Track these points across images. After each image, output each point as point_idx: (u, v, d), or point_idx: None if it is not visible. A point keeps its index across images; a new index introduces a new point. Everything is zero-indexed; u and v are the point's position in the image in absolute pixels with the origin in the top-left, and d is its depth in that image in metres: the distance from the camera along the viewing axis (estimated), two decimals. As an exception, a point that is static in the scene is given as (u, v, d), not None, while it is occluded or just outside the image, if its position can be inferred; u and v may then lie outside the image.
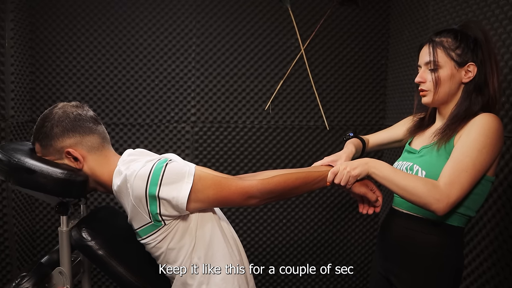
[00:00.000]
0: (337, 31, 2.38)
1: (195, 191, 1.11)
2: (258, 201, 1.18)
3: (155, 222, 1.12)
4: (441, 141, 1.28)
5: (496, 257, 1.50)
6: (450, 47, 1.28)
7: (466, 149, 1.18)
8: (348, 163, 1.25)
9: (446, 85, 1.29)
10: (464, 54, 1.26)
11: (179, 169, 1.12)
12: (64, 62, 2.27)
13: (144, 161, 1.13)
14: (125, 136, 2.34)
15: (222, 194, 1.15)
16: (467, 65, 1.26)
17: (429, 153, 1.31)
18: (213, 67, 2.35)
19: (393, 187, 1.20)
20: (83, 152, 1.20)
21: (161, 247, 1.16)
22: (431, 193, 1.15)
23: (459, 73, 1.27)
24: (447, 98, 1.31)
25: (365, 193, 1.29)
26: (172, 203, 1.09)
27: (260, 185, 1.16)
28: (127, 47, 2.29)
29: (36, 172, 1.12)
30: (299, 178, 1.23)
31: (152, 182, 1.08)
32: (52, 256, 1.31)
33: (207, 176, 1.15)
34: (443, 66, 1.28)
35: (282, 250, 2.49)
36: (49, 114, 1.21)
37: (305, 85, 2.40)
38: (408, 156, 1.43)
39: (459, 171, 1.16)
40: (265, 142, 2.41)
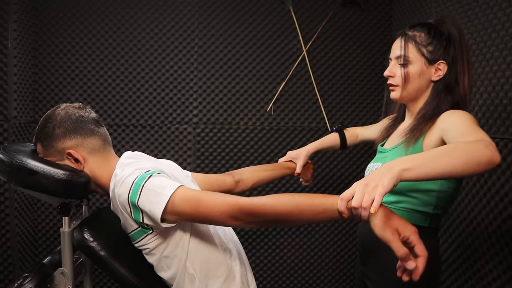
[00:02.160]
0: (339, 33, 2.38)
1: (172, 205, 1.05)
2: (241, 224, 1.03)
3: (143, 228, 1.12)
4: (409, 141, 1.23)
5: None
6: (422, 43, 1.24)
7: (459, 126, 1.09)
8: (367, 177, 0.92)
9: (415, 82, 1.25)
10: (435, 51, 1.23)
11: (159, 184, 1.07)
12: (66, 63, 2.28)
13: (134, 169, 1.13)
14: (127, 137, 2.34)
15: (199, 210, 1.04)
16: (438, 62, 1.22)
17: (398, 153, 1.28)
18: (215, 68, 2.35)
19: (438, 166, 0.92)
20: (84, 153, 1.21)
21: (154, 254, 1.16)
22: (474, 145, 0.94)
23: (429, 70, 1.24)
24: (416, 95, 1.27)
25: (391, 242, 0.86)
26: (150, 215, 1.07)
27: (241, 205, 1.01)
28: (129, 48, 2.30)
29: (38, 173, 1.12)
30: (293, 204, 0.98)
31: (133, 192, 1.07)
32: (54, 257, 1.31)
33: (188, 191, 1.08)
34: (413, 62, 1.24)
35: (284, 252, 2.49)
36: (51, 115, 1.22)
37: (307, 86, 2.40)
38: (379, 157, 1.40)
39: (470, 132, 1.04)
40: (267, 144, 2.41)
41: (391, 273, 1.21)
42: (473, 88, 1.35)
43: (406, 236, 0.86)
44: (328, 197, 0.95)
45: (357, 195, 0.88)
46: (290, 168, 1.77)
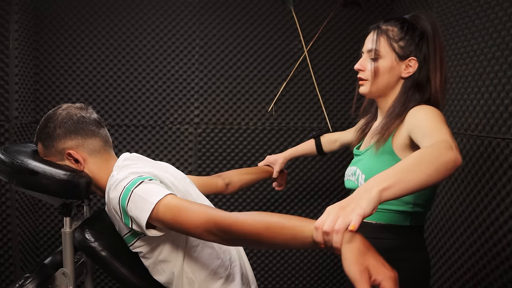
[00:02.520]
0: (340, 33, 2.38)
1: (156, 212, 1.02)
2: (218, 239, 0.98)
3: (135, 232, 1.12)
4: (379, 142, 1.21)
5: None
6: (394, 38, 1.21)
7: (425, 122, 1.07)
8: (342, 201, 0.81)
9: (384, 77, 1.22)
10: (407, 47, 1.20)
11: (148, 190, 1.05)
12: (68, 64, 2.28)
13: (128, 172, 1.11)
14: (128, 137, 2.34)
15: (178, 220, 1.00)
16: (409, 59, 1.20)
17: (369, 155, 1.26)
18: (216, 69, 2.35)
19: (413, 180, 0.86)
20: (84, 154, 1.21)
21: (149, 258, 1.16)
22: (437, 150, 0.91)
23: (399, 66, 1.21)
24: (385, 91, 1.25)
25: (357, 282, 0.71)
26: (137, 222, 1.06)
27: (215, 218, 0.96)
28: (131, 48, 2.30)
29: (39, 173, 1.12)
30: (263, 224, 0.89)
31: (123, 198, 1.06)
32: (55, 257, 1.31)
33: (174, 199, 1.04)
34: (383, 56, 1.22)
35: (284, 251, 2.48)
36: (52, 115, 1.22)
37: (308, 86, 2.40)
38: (354, 160, 1.37)
39: (434, 130, 1.02)
40: (268, 144, 2.41)
41: None
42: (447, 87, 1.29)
43: (377, 281, 0.71)
44: (302, 221, 0.84)
45: (330, 218, 0.77)
46: (269, 172, 1.86)
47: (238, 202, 2.43)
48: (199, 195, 1.35)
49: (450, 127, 1.37)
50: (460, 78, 1.71)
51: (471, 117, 1.63)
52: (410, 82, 1.21)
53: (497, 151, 1.48)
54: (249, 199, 2.43)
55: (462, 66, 1.70)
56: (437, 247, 1.84)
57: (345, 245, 0.74)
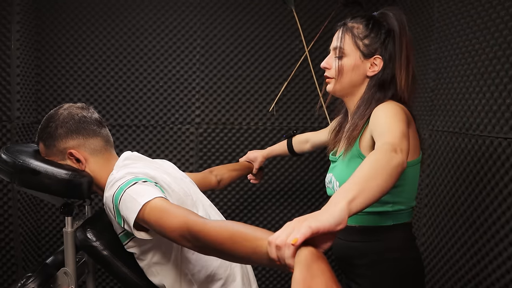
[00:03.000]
0: (341, 33, 2.38)
1: (142, 213, 1.02)
2: (192, 246, 0.95)
3: (127, 231, 1.12)
4: (348, 147, 1.18)
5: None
6: (358, 35, 1.19)
7: (382, 123, 1.05)
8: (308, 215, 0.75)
9: (348, 75, 1.19)
10: (372, 45, 1.17)
11: (140, 191, 1.05)
12: (69, 64, 2.29)
13: (125, 172, 1.12)
14: (130, 137, 2.35)
15: (159, 222, 0.99)
16: (374, 57, 1.17)
17: (341, 161, 1.23)
18: (217, 69, 2.35)
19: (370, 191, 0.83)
20: (86, 154, 1.21)
21: (143, 259, 1.16)
22: (385, 155, 0.89)
23: (364, 64, 1.18)
24: (350, 90, 1.22)
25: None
26: (126, 221, 1.06)
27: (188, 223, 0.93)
28: (132, 48, 2.30)
29: (40, 173, 1.13)
30: (227, 233, 0.84)
31: (116, 197, 1.07)
32: (57, 256, 1.32)
33: (160, 202, 1.02)
34: (348, 54, 1.19)
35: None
36: (54, 115, 1.22)
37: (309, 86, 2.40)
38: (331, 167, 1.34)
39: (387, 129, 1.00)
40: (270, 144, 2.41)
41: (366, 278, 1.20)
42: (415, 88, 1.25)
43: None
44: (265, 233, 0.78)
45: (284, 231, 0.70)
46: (250, 168, 1.97)
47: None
48: (199, 194, 1.35)
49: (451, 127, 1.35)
50: (461, 77, 1.71)
51: (472, 116, 1.63)
52: (374, 80, 1.19)
53: (499, 151, 1.48)
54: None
55: (464, 65, 1.70)
56: (438, 247, 1.84)
57: (297, 264, 0.66)
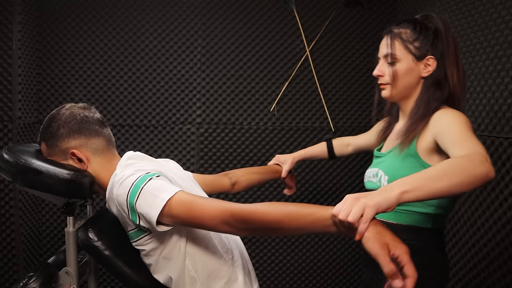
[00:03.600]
0: (342, 33, 2.38)
1: (168, 208, 1.04)
2: (233, 230, 1.02)
3: (141, 228, 1.12)
4: (403, 145, 1.20)
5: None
6: (408, 39, 1.21)
7: (452, 130, 1.08)
8: (363, 193, 0.89)
9: (404, 79, 1.22)
10: (423, 47, 1.20)
11: (158, 187, 1.07)
12: (70, 64, 2.29)
13: (134, 170, 1.12)
14: (131, 137, 2.35)
15: (192, 215, 1.04)
16: (426, 58, 1.20)
17: (392, 157, 1.25)
18: (218, 69, 2.36)
19: (435, 188, 0.91)
20: (88, 154, 1.21)
21: (152, 256, 1.16)
22: (470, 161, 0.94)
23: (418, 66, 1.21)
24: (407, 93, 1.25)
25: (379, 257, 0.81)
26: (146, 218, 1.07)
27: (232, 210, 1.00)
28: (133, 48, 2.31)
29: (42, 172, 1.13)
30: (282, 212, 0.96)
31: (132, 194, 1.07)
32: (59, 256, 1.32)
33: (184, 195, 1.06)
34: (401, 59, 1.22)
35: (287, 252, 2.49)
36: (56, 115, 1.22)
37: (310, 86, 2.40)
38: (375, 162, 1.37)
39: (464, 139, 1.03)
40: (271, 144, 2.41)
41: None
42: (466, 83, 1.30)
43: (395, 254, 0.80)
44: (320, 208, 0.92)
45: (346, 208, 0.84)
46: (278, 172, 1.81)
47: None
48: (202, 194, 1.35)
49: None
50: (462, 77, 1.71)
51: (473, 116, 1.63)
52: (430, 80, 1.21)
53: (500, 151, 1.48)
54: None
55: (465, 65, 1.70)
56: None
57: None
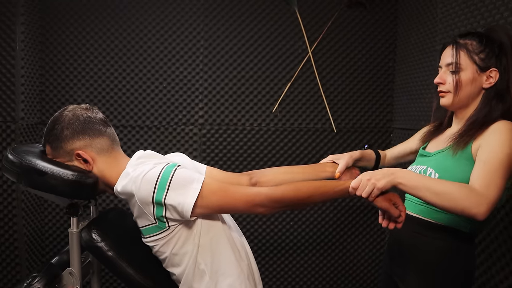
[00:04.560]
0: (344, 34, 2.38)
1: (200, 197, 1.11)
2: (266, 210, 1.15)
3: (159, 223, 1.13)
4: (457, 146, 1.24)
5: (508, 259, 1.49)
6: (474, 51, 1.25)
7: (491, 153, 1.14)
8: (373, 173, 1.15)
9: (466, 89, 1.27)
10: (487, 59, 1.24)
11: (187, 175, 1.13)
12: (73, 65, 2.30)
13: (153, 164, 1.14)
14: (133, 138, 2.35)
15: (226, 201, 1.14)
16: (490, 70, 1.24)
17: (444, 157, 1.29)
18: (220, 70, 2.36)
19: (425, 195, 1.12)
20: (93, 154, 1.22)
21: (164, 252, 1.17)
22: (468, 197, 1.09)
23: (480, 77, 1.25)
24: (467, 102, 1.29)
25: (387, 208, 1.16)
26: (178, 209, 1.10)
27: (266, 194, 1.13)
28: (136, 49, 2.31)
29: (47, 173, 1.13)
30: (310, 187, 1.17)
31: (160, 187, 1.09)
32: (62, 257, 1.32)
33: (213, 183, 1.15)
34: (464, 69, 1.26)
35: (289, 253, 2.49)
36: (59, 117, 1.23)
37: (312, 87, 2.40)
38: (421, 160, 1.41)
39: (491, 172, 1.12)
40: (273, 145, 2.42)
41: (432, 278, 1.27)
42: None
43: (396, 202, 1.16)
44: (338, 183, 1.19)
45: (362, 185, 1.15)
46: (327, 170, 1.51)
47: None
48: None
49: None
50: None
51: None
52: (492, 92, 1.25)
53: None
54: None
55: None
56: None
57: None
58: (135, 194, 1.10)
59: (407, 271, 1.33)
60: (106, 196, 2.36)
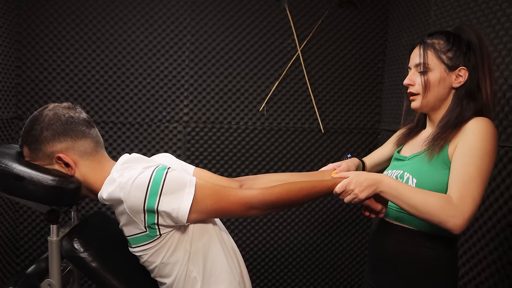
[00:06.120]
0: (334, 33, 2.34)
1: (195, 201, 1.05)
2: (259, 212, 1.14)
3: (150, 232, 1.06)
4: (433, 150, 1.22)
5: (493, 267, 1.48)
6: (441, 50, 1.24)
7: (468, 158, 1.13)
8: (358, 182, 1.16)
9: (435, 89, 1.24)
10: (455, 58, 1.22)
11: (180, 178, 1.06)
12: (52, 57, 2.19)
13: (141, 168, 1.07)
14: (115, 135, 2.26)
15: (220, 205, 1.10)
16: (458, 69, 1.22)
17: (420, 161, 1.26)
18: (207, 66, 2.28)
19: (404, 206, 1.14)
20: (75, 157, 1.14)
21: (153, 262, 1.10)
22: (445, 211, 1.09)
23: (449, 77, 1.23)
24: (437, 103, 1.27)
25: (369, 204, 1.23)
26: (172, 215, 1.03)
27: (261, 196, 1.11)
28: (119, 43, 2.21)
29: (25, 179, 1.05)
30: (303, 189, 1.17)
31: (152, 193, 1.02)
32: (40, 265, 1.24)
33: (206, 185, 1.09)
34: (433, 69, 1.24)
35: (273, 254, 2.45)
36: (38, 116, 1.14)
37: (300, 86, 2.36)
38: (397, 164, 1.37)
39: (467, 182, 1.11)
40: (259, 144, 2.36)
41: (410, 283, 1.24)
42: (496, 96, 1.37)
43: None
44: (325, 183, 1.21)
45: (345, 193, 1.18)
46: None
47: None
48: None
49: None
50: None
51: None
52: (463, 91, 1.23)
53: (495, 159, 1.47)
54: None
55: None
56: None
57: None
58: (124, 201, 1.02)
59: (392, 282, 1.29)
60: (89, 199, 2.26)
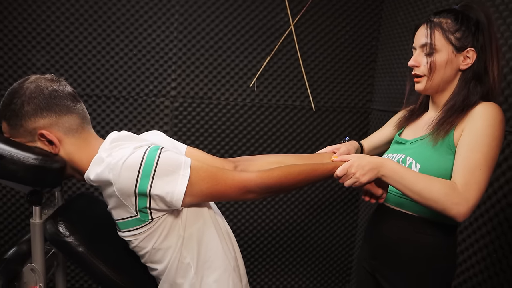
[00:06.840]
0: (329, 8, 2.26)
1: (190, 184, 0.99)
2: (256, 196, 1.09)
3: (141, 216, 1.00)
4: (438, 134, 1.18)
5: (490, 256, 1.48)
6: (449, 30, 1.17)
7: (475, 144, 1.09)
8: (360, 166, 1.12)
9: (441, 71, 1.19)
10: (464, 38, 1.16)
11: (174, 159, 1.00)
12: (32, 25, 2.05)
13: (132, 148, 1.00)
14: (99, 109, 2.17)
15: (216, 188, 1.04)
16: (467, 50, 1.16)
17: (424, 146, 1.22)
18: (196, 39, 2.19)
19: (407, 191, 1.11)
20: (60, 134, 1.06)
21: (144, 247, 1.05)
22: (449, 197, 1.06)
23: (457, 58, 1.18)
24: (442, 86, 1.22)
25: (370, 189, 1.20)
26: (166, 199, 0.97)
27: (259, 180, 1.06)
28: (103, 11, 2.09)
29: (4, 157, 0.97)
30: (303, 172, 1.12)
31: (144, 174, 0.95)
32: (21, 247, 1.17)
33: (202, 167, 1.03)
34: (440, 50, 1.18)
35: (264, 236, 2.42)
36: (19, 89, 1.05)
37: (292, 63, 2.29)
38: (398, 148, 1.33)
39: (473, 169, 1.08)
40: (248, 121, 2.30)
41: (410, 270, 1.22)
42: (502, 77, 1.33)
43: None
44: (326, 166, 1.17)
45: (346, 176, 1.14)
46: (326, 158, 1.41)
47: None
48: None
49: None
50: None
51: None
52: (469, 73, 1.18)
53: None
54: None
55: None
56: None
57: None
58: (114, 183, 0.96)
59: (391, 268, 1.28)
60: (75, 179, 2.18)
